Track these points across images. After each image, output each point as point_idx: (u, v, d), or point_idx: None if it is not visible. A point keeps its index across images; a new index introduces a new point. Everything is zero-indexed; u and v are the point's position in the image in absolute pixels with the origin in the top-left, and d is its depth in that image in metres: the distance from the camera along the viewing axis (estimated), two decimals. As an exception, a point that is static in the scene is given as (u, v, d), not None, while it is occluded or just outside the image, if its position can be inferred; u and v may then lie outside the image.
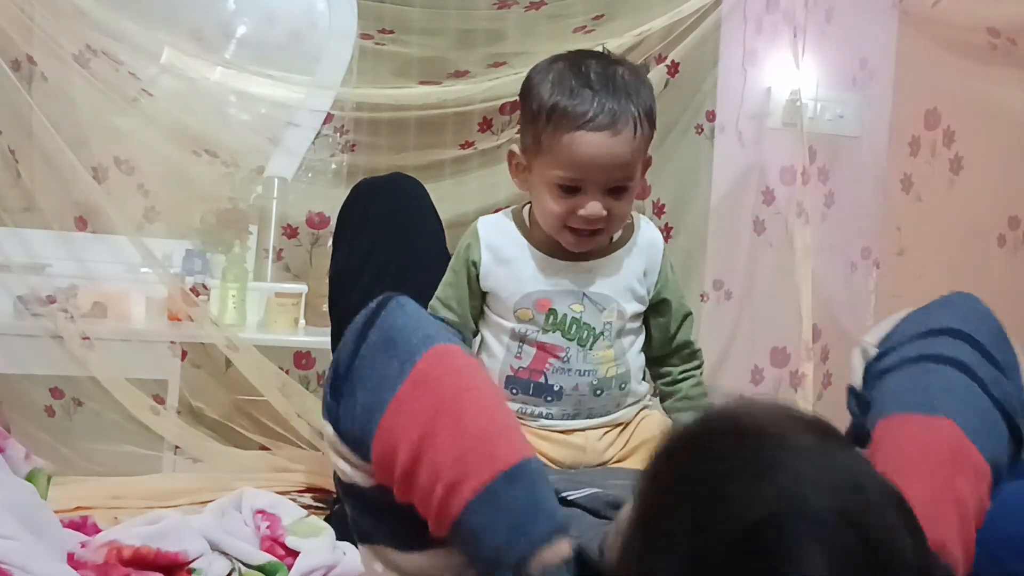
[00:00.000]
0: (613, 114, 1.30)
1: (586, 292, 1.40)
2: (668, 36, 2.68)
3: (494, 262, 1.41)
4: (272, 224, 2.64)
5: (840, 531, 0.66)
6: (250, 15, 2.78)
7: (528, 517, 0.90)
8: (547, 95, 1.32)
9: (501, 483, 0.90)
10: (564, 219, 1.34)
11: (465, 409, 0.94)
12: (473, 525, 0.90)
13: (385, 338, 0.98)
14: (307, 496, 2.15)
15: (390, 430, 0.94)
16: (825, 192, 2.89)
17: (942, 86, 2.67)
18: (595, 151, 1.30)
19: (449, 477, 0.90)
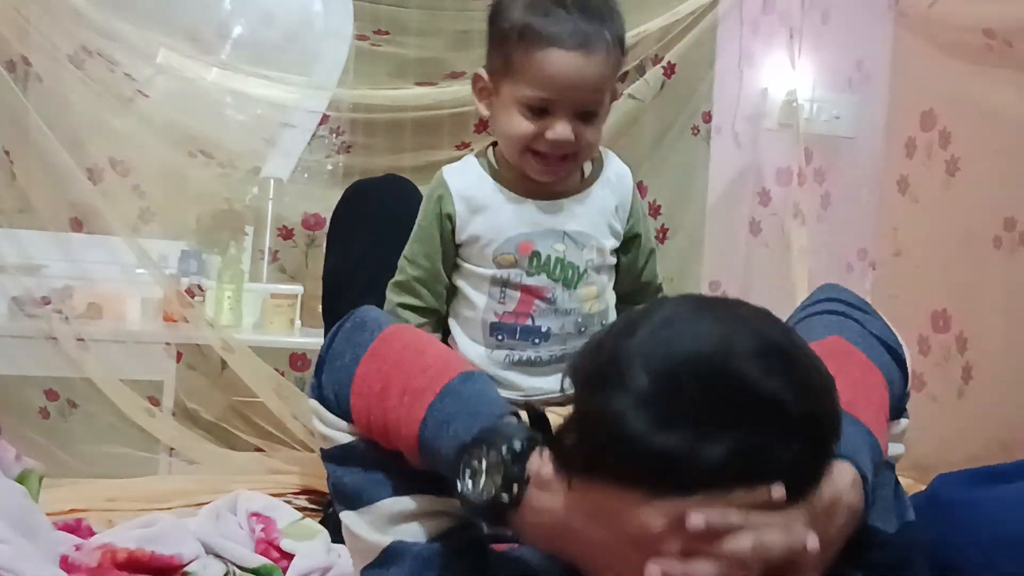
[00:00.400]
0: (586, 35, 1.29)
1: (566, 231, 1.40)
2: (664, 37, 2.68)
3: (469, 212, 1.40)
4: (268, 225, 2.64)
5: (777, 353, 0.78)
6: (246, 16, 2.78)
7: (481, 404, 0.96)
8: (519, 14, 1.31)
9: (458, 382, 0.97)
10: (529, 141, 1.32)
11: (427, 347, 1.04)
12: (436, 420, 0.95)
13: (358, 323, 1.08)
14: (302, 498, 2.15)
15: (364, 375, 1.02)
16: (821, 193, 2.89)
17: (938, 87, 2.67)
18: (567, 70, 1.29)
19: (414, 387, 0.97)
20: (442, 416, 0.95)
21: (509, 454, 0.88)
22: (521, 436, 0.89)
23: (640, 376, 0.77)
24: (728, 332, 0.79)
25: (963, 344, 2.49)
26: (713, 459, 0.74)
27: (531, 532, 0.90)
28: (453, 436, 0.93)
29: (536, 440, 0.90)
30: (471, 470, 0.90)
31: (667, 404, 0.76)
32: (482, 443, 0.90)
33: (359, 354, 1.04)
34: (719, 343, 0.78)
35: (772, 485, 0.76)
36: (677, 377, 0.76)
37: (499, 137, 1.39)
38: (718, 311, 0.82)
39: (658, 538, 0.77)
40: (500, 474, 0.88)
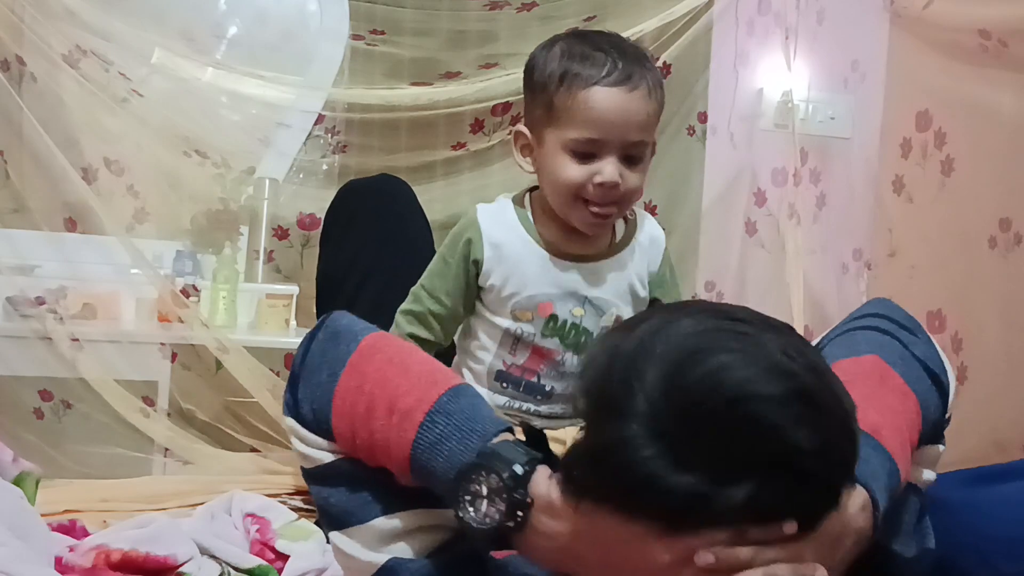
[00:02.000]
0: (628, 71, 1.30)
1: (588, 296, 1.39)
2: (660, 37, 2.68)
3: (496, 260, 1.38)
4: (263, 225, 2.63)
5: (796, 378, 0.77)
6: (241, 15, 2.77)
7: (475, 419, 0.95)
8: (557, 62, 1.31)
9: (447, 398, 0.95)
10: (580, 189, 1.31)
11: (409, 360, 1.01)
12: (428, 440, 0.93)
13: (331, 333, 1.05)
14: (297, 499, 2.14)
15: (344, 392, 0.99)
16: (817, 194, 2.89)
17: (933, 88, 2.67)
18: (612, 106, 1.29)
19: (402, 407, 0.95)
20: (434, 437, 0.93)
21: (511, 479, 0.87)
22: (521, 459, 0.88)
23: (658, 407, 0.75)
24: (754, 370, 0.76)
25: (958, 344, 2.49)
26: (730, 503, 0.74)
27: (536, 554, 0.90)
28: (448, 458, 0.92)
29: (536, 460, 0.89)
30: (471, 495, 0.89)
31: (685, 442, 0.74)
32: (481, 468, 0.89)
33: (337, 370, 1.01)
34: (744, 383, 0.75)
35: (785, 522, 0.76)
36: (698, 415, 0.75)
37: (547, 188, 1.37)
38: (743, 339, 0.78)
39: (669, 570, 0.77)
40: (503, 499, 0.87)
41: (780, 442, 0.74)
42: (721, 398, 0.74)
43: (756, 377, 0.75)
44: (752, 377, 0.75)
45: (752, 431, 0.74)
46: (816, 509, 0.79)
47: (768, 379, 0.75)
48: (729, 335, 0.79)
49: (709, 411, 0.74)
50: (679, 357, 0.77)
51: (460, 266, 1.40)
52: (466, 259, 1.40)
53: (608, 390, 0.79)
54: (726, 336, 0.78)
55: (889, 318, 1.13)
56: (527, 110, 1.38)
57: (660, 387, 0.76)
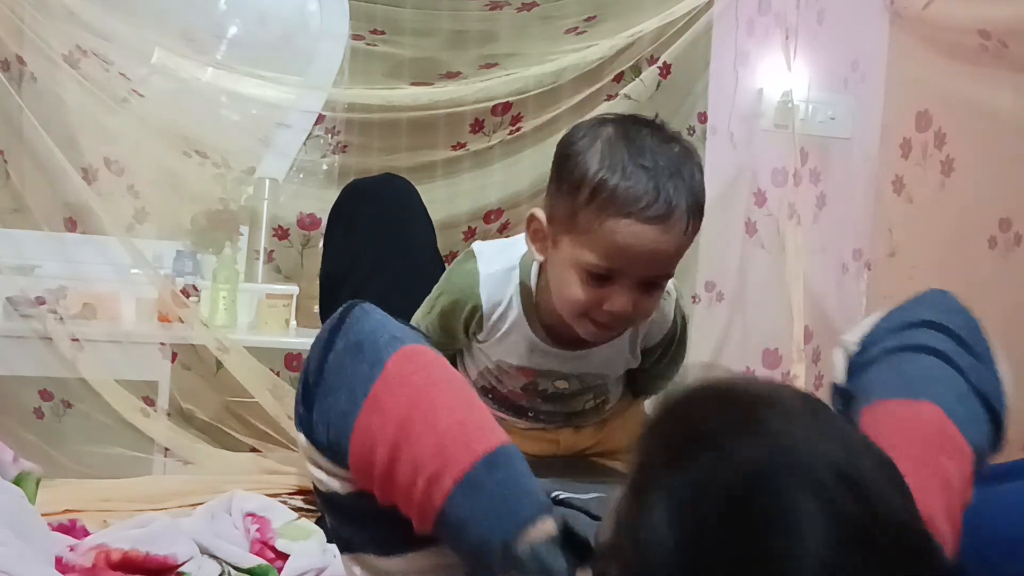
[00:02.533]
0: (669, 205, 1.14)
1: (575, 373, 1.36)
2: (660, 37, 2.68)
3: (490, 331, 1.36)
4: (263, 225, 2.63)
5: (836, 489, 0.66)
6: (241, 15, 2.77)
7: (512, 500, 0.89)
8: (595, 165, 1.14)
9: (482, 469, 0.89)
10: (586, 311, 1.19)
11: (438, 402, 0.93)
12: (457, 514, 0.89)
13: (352, 343, 0.97)
14: (298, 499, 2.14)
15: (365, 430, 0.93)
16: (817, 194, 2.89)
17: (933, 88, 2.67)
18: (640, 243, 1.13)
19: (429, 469, 0.89)
20: (463, 511, 0.88)
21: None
22: (560, 570, 0.83)
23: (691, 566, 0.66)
24: (811, 540, 0.64)
25: (958, 344, 2.49)
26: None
27: None
28: (477, 540, 0.88)
29: (574, 566, 0.84)
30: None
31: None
32: (518, 570, 0.85)
33: (357, 398, 0.94)
34: (792, 557, 0.64)
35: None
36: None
37: (553, 295, 1.24)
38: (803, 494, 0.66)
39: None
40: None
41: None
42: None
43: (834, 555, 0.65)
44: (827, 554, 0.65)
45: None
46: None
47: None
48: (794, 495, 0.66)
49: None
50: (726, 529, 0.66)
51: (460, 327, 1.37)
52: (463, 326, 1.36)
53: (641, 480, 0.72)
54: (789, 498, 0.66)
55: (948, 330, 1.05)
56: (550, 194, 1.21)
57: (698, 559, 0.67)
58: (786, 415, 0.71)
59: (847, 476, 0.67)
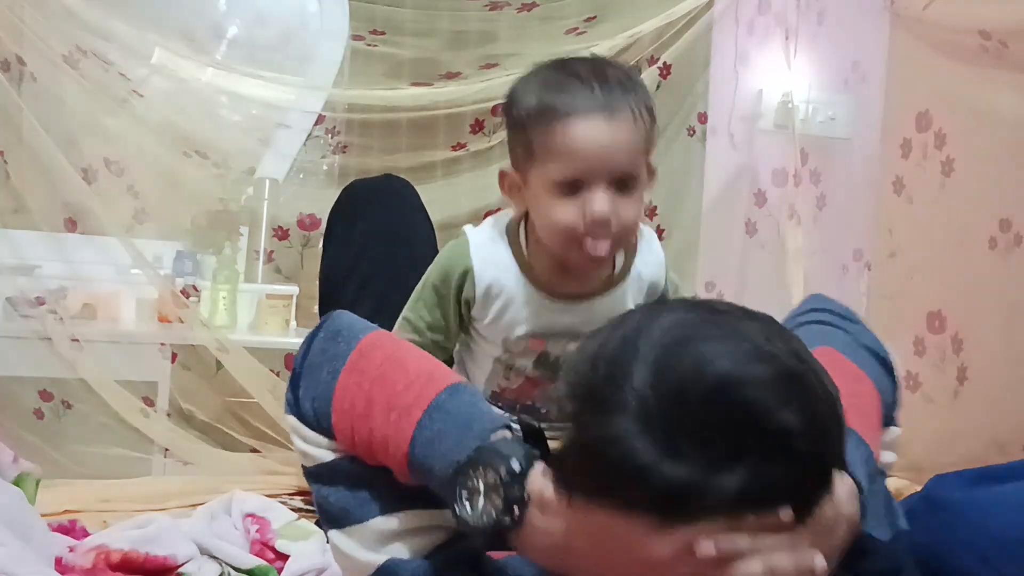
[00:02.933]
0: (607, 101, 1.20)
1: (583, 332, 1.36)
2: (660, 38, 2.68)
3: (487, 298, 1.34)
4: (263, 225, 2.63)
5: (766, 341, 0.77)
6: (241, 16, 2.77)
7: (472, 417, 0.94)
8: (533, 96, 1.23)
9: (445, 396, 0.95)
10: (573, 229, 1.22)
11: (407, 358, 1.01)
12: (427, 437, 0.93)
13: (331, 332, 1.05)
14: (297, 499, 2.14)
15: (344, 390, 0.99)
16: (817, 194, 2.89)
17: (934, 88, 2.67)
18: (590, 137, 1.19)
19: (400, 405, 0.95)
20: (431, 433, 0.93)
21: (508, 475, 0.86)
22: (519, 454, 0.87)
23: (646, 399, 0.75)
24: (739, 355, 0.76)
25: (959, 345, 2.49)
26: (725, 490, 0.73)
27: (532, 551, 0.89)
28: (445, 454, 0.91)
29: (534, 457, 0.88)
30: (467, 491, 0.89)
31: (675, 431, 0.74)
32: (478, 463, 0.88)
33: (337, 367, 1.01)
34: (730, 368, 0.75)
35: (780, 509, 0.75)
36: (686, 403, 0.74)
37: (540, 231, 1.28)
38: (725, 327, 0.79)
39: (667, 563, 0.76)
40: (500, 496, 0.86)
41: (770, 424, 0.74)
42: (708, 385, 0.74)
43: (741, 363, 0.75)
44: (737, 363, 0.75)
45: (741, 415, 0.74)
46: (810, 494, 0.78)
47: (753, 364, 0.75)
48: (710, 325, 0.79)
49: (697, 399, 0.74)
50: (663, 350, 0.77)
51: (451, 301, 1.36)
52: (457, 297, 1.35)
53: (594, 388, 0.79)
54: (707, 326, 0.79)
55: (828, 310, 1.14)
56: (510, 148, 1.30)
57: (646, 380, 0.75)
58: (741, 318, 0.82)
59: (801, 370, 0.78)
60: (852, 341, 1.08)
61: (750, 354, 0.76)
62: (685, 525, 0.75)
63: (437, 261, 1.39)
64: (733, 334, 0.78)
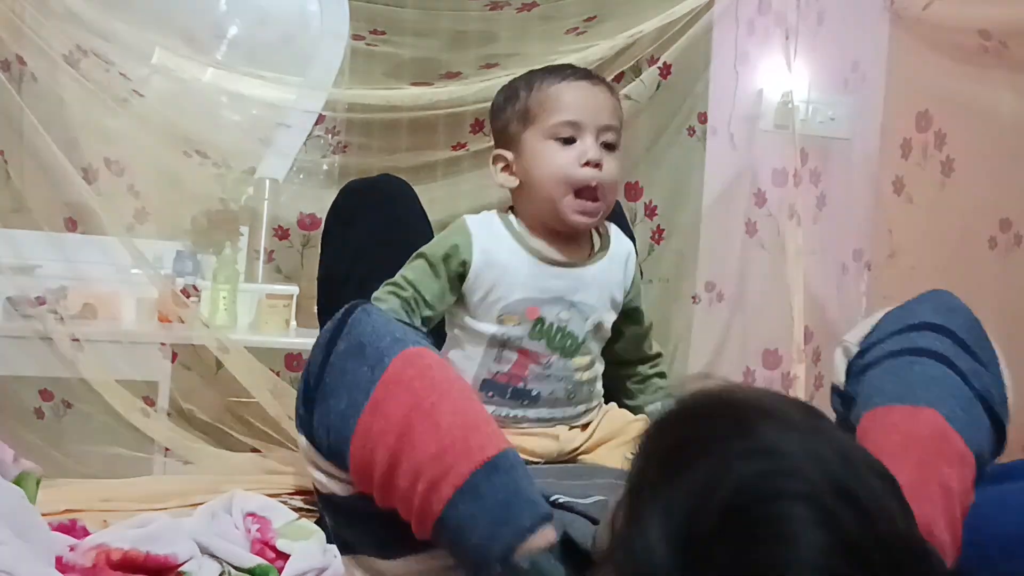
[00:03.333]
0: (586, 71, 1.44)
1: (573, 300, 1.40)
2: (660, 38, 2.68)
3: (485, 265, 1.38)
4: (263, 225, 2.63)
5: (833, 500, 0.65)
6: (242, 16, 2.77)
7: (511, 507, 0.89)
8: (525, 78, 1.43)
9: (481, 475, 0.90)
10: (569, 176, 1.37)
11: (439, 407, 0.94)
12: (457, 520, 0.89)
13: (354, 345, 0.98)
14: (298, 499, 2.15)
15: (365, 434, 0.93)
16: (817, 194, 2.89)
17: (933, 89, 2.68)
18: (581, 94, 1.39)
19: (429, 475, 0.90)
20: (463, 517, 0.89)
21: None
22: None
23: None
24: (808, 554, 0.64)
25: (958, 345, 2.49)
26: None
27: None
28: (477, 546, 0.88)
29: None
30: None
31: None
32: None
33: (358, 401, 0.94)
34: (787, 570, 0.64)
35: None
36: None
37: (536, 188, 1.40)
38: (800, 508, 0.66)
39: None
40: None
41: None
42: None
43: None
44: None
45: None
46: None
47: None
48: (791, 509, 0.66)
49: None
50: (722, 538, 0.66)
51: (445, 268, 1.39)
52: (454, 261, 1.39)
53: (645, 555, 0.69)
54: (786, 512, 0.66)
55: (950, 333, 1.06)
56: (498, 137, 1.46)
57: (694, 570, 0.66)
58: (782, 425, 0.70)
59: (844, 488, 0.66)
60: (966, 393, 0.99)
61: (811, 549, 0.64)
62: None
63: (432, 242, 1.44)
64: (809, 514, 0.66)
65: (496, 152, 1.45)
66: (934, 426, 0.97)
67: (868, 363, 1.10)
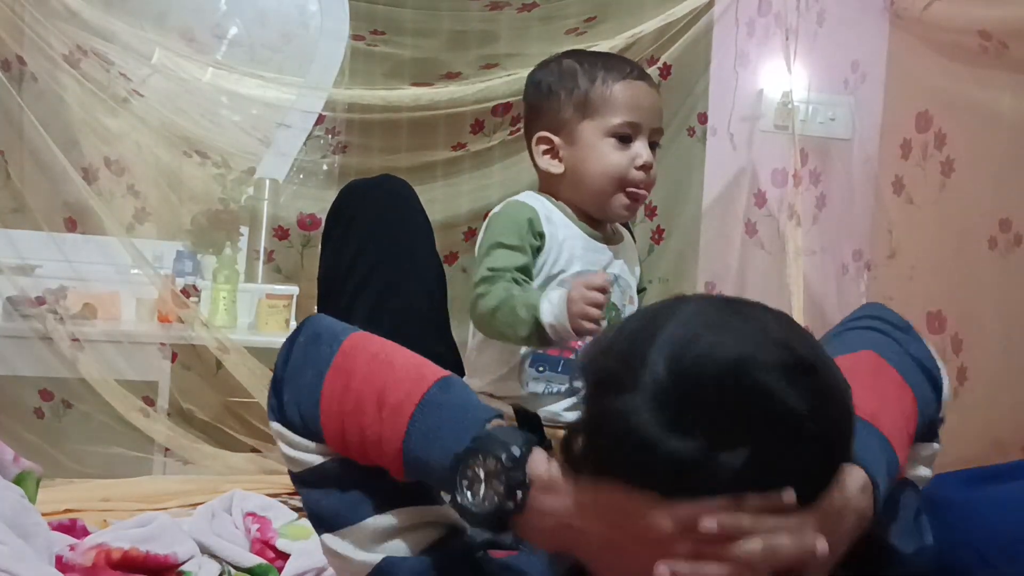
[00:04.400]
0: (642, 70, 1.46)
1: (617, 274, 1.46)
2: (660, 38, 2.68)
3: (551, 237, 1.43)
4: (263, 225, 2.63)
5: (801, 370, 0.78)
6: (242, 16, 2.78)
7: (465, 409, 0.95)
8: (581, 65, 1.43)
9: (436, 390, 0.95)
10: (624, 174, 1.41)
11: (394, 356, 1.01)
12: (421, 433, 0.93)
13: (311, 335, 1.06)
14: (297, 498, 2.14)
15: (331, 393, 0.99)
16: (817, 194, 2.89)
17: (934, 89, 2.68)
18: (642, 94, 1.43)
19: (391, 402, 0.95)
20: (426, 428, 0.93)
21: (509, 460, 0.87)
22: (517, 441, 0.88)
23: (658, 377, 0.77)
24: (752, 340, 0.78)
25: (958, 345, 2.49)
26: (729, 467, 0.74)
27: (536, 535, 0.89)
28: (442, 448, 0.92)
29: (532, 442, 0.89)
30: (468, 480, 0.89)
31: (684, 409, 0.75)
32: (477, 452, 0.89)
33: (322, 370, 1.01)
34: (743, 351, 0.77)
35: (784, 490, 0.77)
36: (697, 382, 0.76)
37: (586, 180, 1.43)
38: (741, 317, 0.81)
39: (668, 539, 0.77)
40: (501, 481, 0.87)
41: (777, 406, 0.75)
42: (719, 367, 0.76)
43: (754, 348, 0.77)
44: (752, 349, 0.77)
45: (750, 396, 0.75)
46: (815, 479, 0.80)
47: (767, 350, 0.77)
48: (729, 314, 0.81)
49: (708, 379, 0.76)
50: (680, 333, 0.79)
51: (526, 241, 1.41)
52: (531, 234, 1.42)
53: (609, 368, 0.81)
54: (725, 315, 0.81)
55: (883, 319, 1.14)
56: (546, 116, 1.45)
57: (661, 360, 0.77)
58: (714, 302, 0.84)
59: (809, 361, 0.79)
60: (900, 350, 1.08)
61: (764, 341, 0.78)
62: (688, 501, 0.76)
63: (491, 229, 1.44)
64: (749, 323, 0.80)
65: (541, 134, 1.45)
66: (871, 359, 1.03)
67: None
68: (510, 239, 1.40)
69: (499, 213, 1.45)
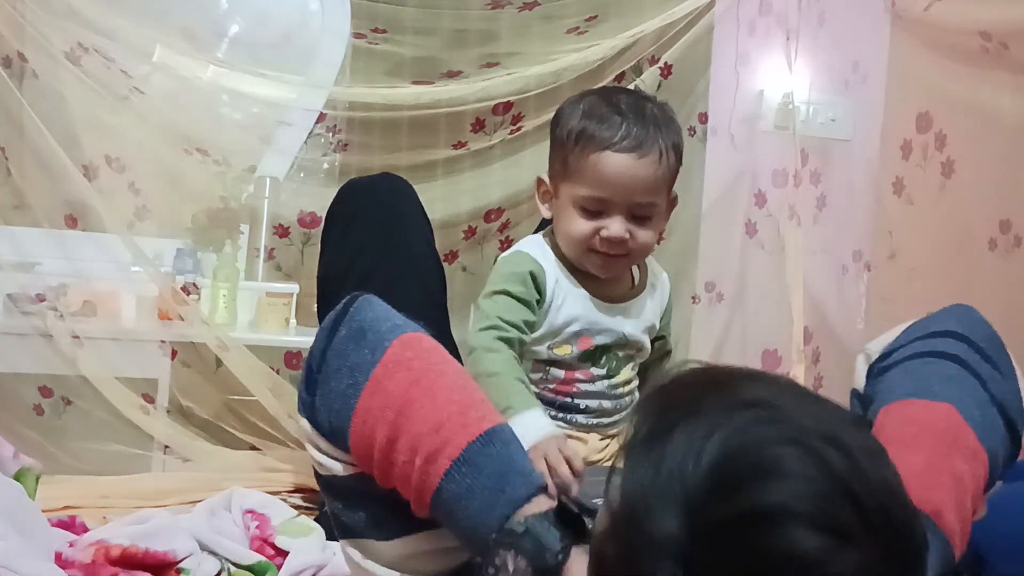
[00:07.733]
0: (639, 138, 1.35)
1: (622, 332, 1.45)
2: (661, 38, 2.68)
3: (553, 295, 1.42)
4: (263, 223, 2.63)
5: (820, 442, 0.66)
6: (243, 14, 2.77)
7: (507, 477, 0.91)
8: (577, 120, 1.37)
9: (477, 447, 0.91)
10: (588, 241, 1.38)
11: (437, 384, 0.96)
12: (454, 492, 0.90)
13: (355, 330, 1.00)
14: (297, 496, 2.15)
15: (366, 413, 0.95)
16: (817, 195, 2.89)
17: (934, 90, 2.68)
18: (619, 170, 1.34)
19: (427, 448, 0.91)
20: (460, 490, 0.90)
21: (541, 570, 0.83)
22: (554, 545, 0.84)
23: (681, 544, 0.67)
24: (787, 488, 0.65)
25: (958, 346, 2.49)
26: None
27: None
28: (472, 517, 0.89)
29: (570, 546, 0.85)
30: (495, 568, 0.86)
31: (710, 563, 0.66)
32: (510, 546, 0.86)
33: (359, 381, 0.96)
34: (773, 506, 0.65)
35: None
36: (725, 550, 0.66)
37: (560, 237, 1.43)
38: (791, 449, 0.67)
39: None
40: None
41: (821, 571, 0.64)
42: (754, 517, 0.65)
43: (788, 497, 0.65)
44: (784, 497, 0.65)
45: (782, 555, 0.65)
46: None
47: (803, 499, 0.65)
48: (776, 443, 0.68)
49: (742, 531, 0.66)
50: (702, 483, 0.67)
51: (531, 295, 1.41)
52: (536, 290, 1.41)
53: (634, 517, 0.70)
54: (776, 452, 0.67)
55: (971, 342, 1.07)
56: (550, 160, 1.44)
57: (683, 522, 0.67)
58: (772, 387, 0.72)
59: (833, 437, 0.67)
60: (983, 398, 1.00)
61: (802, 483, 0.66)
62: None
63: (499, 269, 1.44)
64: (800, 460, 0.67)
65: (541, 177, 1.46)
66: (949, 420, 0.98)
67: (887, 365, 1.12)
68: (517, 289, 1.40)
69: (509, 259, 1.45)
